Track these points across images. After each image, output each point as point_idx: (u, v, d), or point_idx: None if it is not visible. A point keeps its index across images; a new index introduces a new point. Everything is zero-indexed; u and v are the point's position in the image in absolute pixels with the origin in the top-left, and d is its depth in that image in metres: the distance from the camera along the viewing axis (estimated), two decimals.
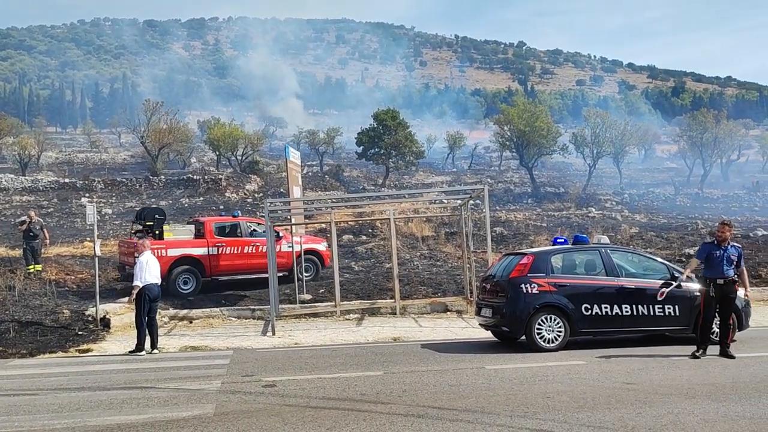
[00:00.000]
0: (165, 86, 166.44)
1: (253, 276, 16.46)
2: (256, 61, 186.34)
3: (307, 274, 16.71)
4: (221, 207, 35.14)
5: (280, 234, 17.05)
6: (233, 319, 14.32)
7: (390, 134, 50.84)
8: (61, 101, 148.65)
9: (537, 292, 9.83)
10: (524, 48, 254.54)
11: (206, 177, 47.41)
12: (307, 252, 16.80)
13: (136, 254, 11.17)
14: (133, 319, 10.82)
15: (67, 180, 47.40)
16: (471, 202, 16.94)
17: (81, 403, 7.04)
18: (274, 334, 12.43)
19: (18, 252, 19.16)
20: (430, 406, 6.53)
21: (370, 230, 25.47)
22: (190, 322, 13.87)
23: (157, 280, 10.93)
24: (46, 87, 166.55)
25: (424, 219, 25.03)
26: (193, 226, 16.72)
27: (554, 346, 9.70)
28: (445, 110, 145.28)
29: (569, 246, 10.81)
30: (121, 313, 13.64)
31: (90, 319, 13.13)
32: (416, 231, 24.21)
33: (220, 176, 47.92)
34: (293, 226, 16.91)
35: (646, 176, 59.58)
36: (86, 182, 45.61)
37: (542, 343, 9.73)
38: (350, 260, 20.87)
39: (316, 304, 15.12)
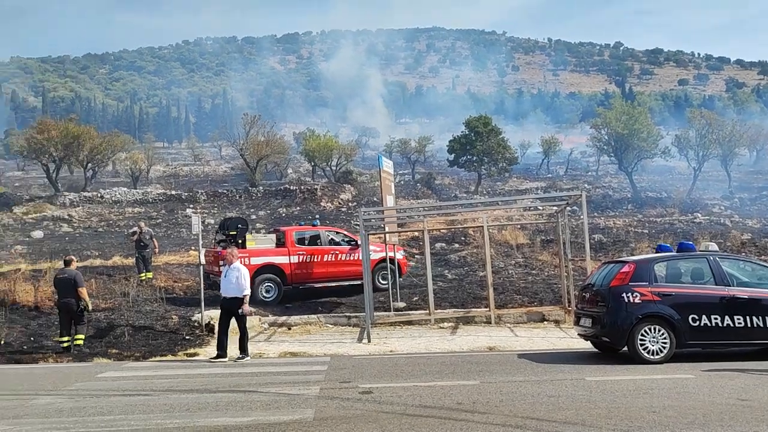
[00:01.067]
0: (262, 100, 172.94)
1: (334, 284, 16.79)
2: (348, 73, 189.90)
3: (384, 283, 16.82)
4: (316, 216, 35.99)
5: (358, 242, 17.31)
6: (330, 325, 14.62)
7: (482, 141, 50.39)
8: (167, 118, 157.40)
9: (640, 301, 9.46)
10: (621, 48, 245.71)
11: (302, 187, 48.73)
12: (385, 260, 16.89)
13: (221, 263, 11.46)
14: (235, 325, 11.16)
15: (173, 192, 50.00)
16: (568, 208, 16.49)
17: (190, 404, 7.40)
18: (369, 341, 12.59)
19: (131, 261, 20.39)
20: (529, 417, 6.41)
21: (462, 238, 25.32)
22: (289, 329, 14.27)
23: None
24: (154, 105, 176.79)
25: (519, 226, 24.60)
26: (275, 235, 17.22)
27: (659, 359, 9.28)
28: (539, 115, 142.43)
29: (674, 254, 10.32)
30: None
31: (196, 324, 13.79)
32: (510, 239, 23.84)
33: (315, 186, 49.13)
34: (386, 235, 17.09)
35: (759, 179, 55.77)
36: (191, 194, 47.98)
37: (646, 354, 9.33)
38: (443, 268, 20.83)
39: (410, 312, 15.18)
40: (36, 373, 10.11)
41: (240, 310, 10.90)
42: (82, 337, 12.02)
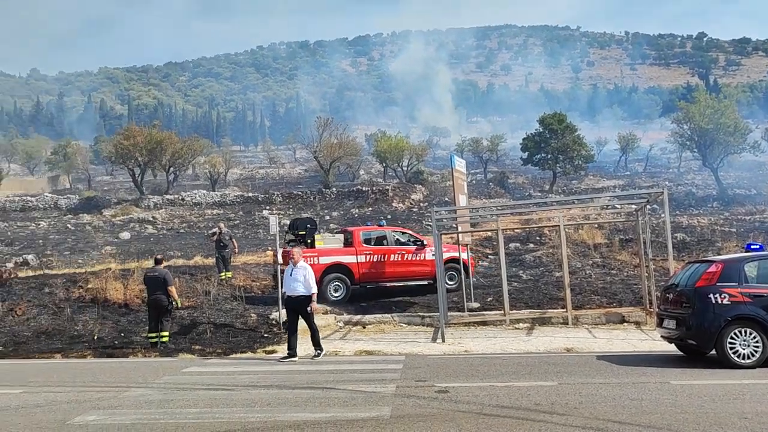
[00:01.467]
0: (334, 102, 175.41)
1: (400, 284, 16.84)
2: (418, 73, 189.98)
3: (451, 283, 16.73)
4: (383, 217, 36.18)
5: (424, 242, 17.28)
6: (404, 325, 14.68)
7: (557, 138, 49.35)
8: (243, 122, 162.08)
9: (729, 303, 9.04)
10: (705, 39, 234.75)
11: (374, 188, 49.13)
12: (451, 261, 16.76)
13: (291, 262, 11.57)
14: (305, 325, 11.29)
15: (250, 194, 51.42)
16: (648, 206, 15.94)
17: (270, 399, 7.62)
18: (443, 341, 12.57)
19: (211, 260, 21.11)
20: (610, 419, 6.25)
21: (537, 238, 24.89)
22: (364, 328, 14.43)
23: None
24: (231, 110, 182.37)
25: (596, 225, 23.95)
26: (342, 235, 17.41)
27: (750, 363, 8.85)
28: (616, 111, 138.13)
29: (766, 253, 9.81)
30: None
31: (273, 322, 14.14)
32: (587, 238, 23.25)
33: (387, 187, 49.43)
34: (459, 235, 17.00)
35: None
36: (267, 196, 49.22)
37: (736, 358, 8.91)
38: (518, 269, 20.55)
39: (484, 313, 15.05)
40: (126, 366, 10.64)
41: (309, 308, 11.05)
42: (167, 333, 12.55)
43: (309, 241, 16.39)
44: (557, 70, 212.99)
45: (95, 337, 13.11)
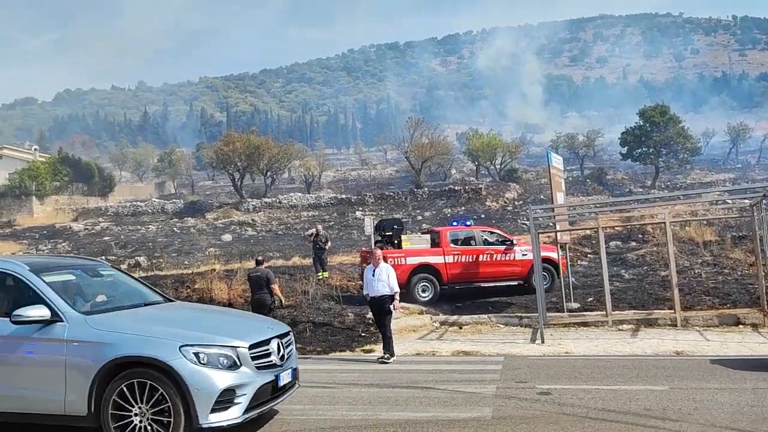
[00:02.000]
0: (425, 102, 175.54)
1: (489, 284, 16.54)
2: (509, 69, 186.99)
3: (542, 283, 16.29)
4: (482, 216, 35.80)
5: (513, 241, 16.89)
6: (501, 325, 14.46)
7: (659, 131, 47.20)
8: (335, 125, 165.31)
9: None
10: None
11: (467, 187, 48.75)
12: (542, 260, 16.30)
13: (367, 262, 11.59)
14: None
15: (343, 196, 52.34)
16: (764, 201, 14.92)
17: (371, 397, 7.71)
18: (543, 342, 12.28)
19: (308, 261, 21.64)
20: (728, 427, 5.89)
21: (640, 236, 23.85)
22: (460, 328, 14.33)
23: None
24: (323, 113, 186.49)
25: (705, 222, 22.69)
26: (429, 235, 17.29)
27: None
28: (724, 100, 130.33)
29: None
30: (397, 317, 14.61)
31: (370, 321, 14.28)
32: (695, 235, 22.04)
33: (479, 186, 48.92)
34: (558, 233, 16.57)
35: None
36: (359, 197, 49.92)
37: None
38: (619, 268, 19.78)
39: (585, 314, 14.58)
40: None
41: (391, 307, 11.08)
42: None
43: (396, 241, 16.43)
44: (658, 60, 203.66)
45: None
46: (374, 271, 11.24)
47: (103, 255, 31.61)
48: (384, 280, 11.08)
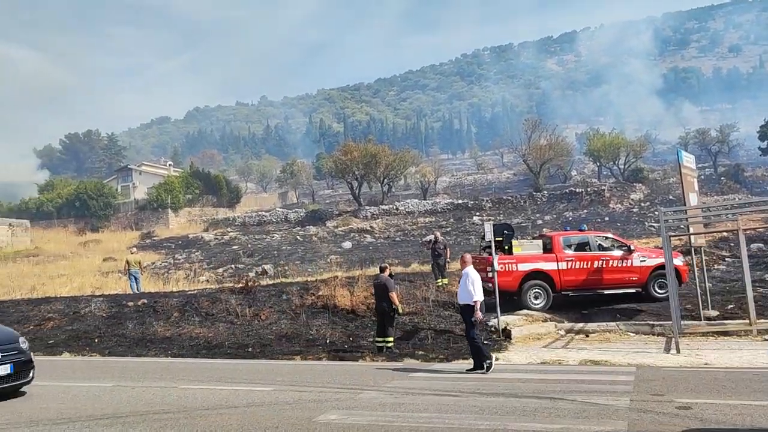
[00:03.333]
0: (542, 103, 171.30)
1: (606, 292, 15.77)
2: (631, 65, 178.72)
3: (661, 291, 15.30)
4: (606, 218, 34.39)
5: (631, 247, 16.02)
6: (631, 334, 13.81)
7: None
8: (450, 130, 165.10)
9: None
10: None
11: (588, 189, 47.02)
12: (661, 267, 15.24)
13: (461, 268, 11.24)
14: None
15: (459, 201, 52.11)
16: None
17: (498, 407, 7.60)
18: (678, 351, 11.58)
19: (427, 267, 21.70)
20: None
21: None
22: (587, 336, 13.83)
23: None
24: (438, 119, 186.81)
25: None
26: (541, 241, 16.71)
27: None
28: None
29: None
30: (520, 325, 14.33)
31: (493, 329, 14.12)
32: None
33: (602, 187, 47.06)
34: (691, 236, 15.57)
35: None
36: (476, 202, 49.50)
37: None
38: (763, 272, 18.29)
39: (725, 322, 13.60)
40: (358, 369, 11.31)
41: (473, 318, 10.57)
42: (392, 339, 13.11)
43: (506, 247, 16.09)
44: None
45: (327, 341, 14.14)
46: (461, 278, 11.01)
47: (232, 263, 33.42)
48: (467, 287, 10.68)
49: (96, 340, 15.63)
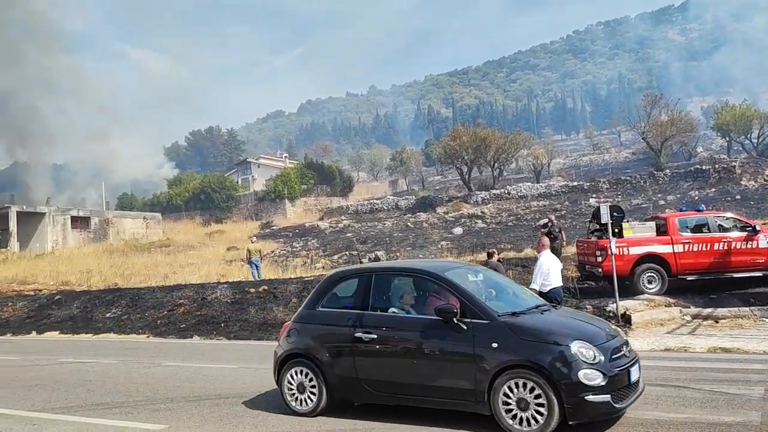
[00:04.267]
0: (662, 77, 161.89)
1: (728, 275, 14.62)
2: (762, 29, 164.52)
3: None
4: (737, 197, 32.07)
5: (757, 227, 14.72)
6: (766, 320, 12.83)
7: None
8: (563, 110, 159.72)
9: None
10: None
11: (716, 166, 44.01)
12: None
13: (537, 252, 10.81)
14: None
15: (574, 183, 50.39)
16: None
17: None
18: None
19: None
20: None
21: None
22: (716, 322, 12.98)
23: (560, 282, 10.59)
24: (549, 99, 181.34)
25: None
26: (654, 222, 15.71)
27: None
28: None
29: None
30: (641, 310, 13.70)
31: (611, 314, 13.59)
32: None
33: (732, 163, 43.86)
34: None
35: None
36: (592, 183, 47.68)
37: None
38: None
39: None
40: None
41: None
42: None
43: (617, 230, 15.33)
44: None
45: None
46: None
47: (346, 250, 34.27)
48: (534, 273, 10.57)
49: (222, 325, 16.58)
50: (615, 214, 15.62)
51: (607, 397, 5.67)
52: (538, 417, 5.66)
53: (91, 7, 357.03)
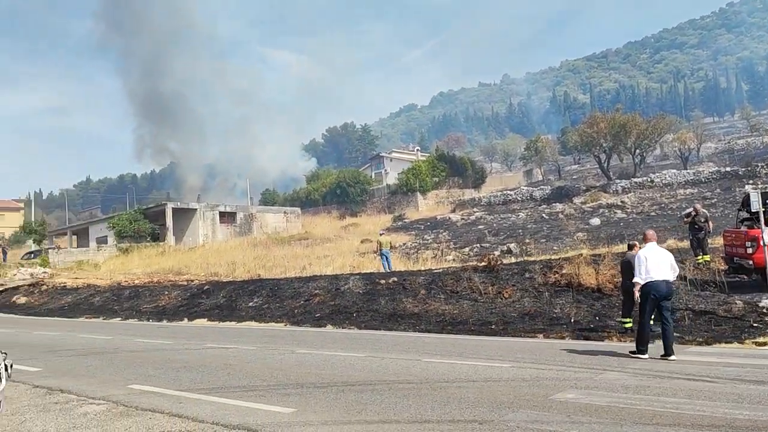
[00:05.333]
0: None
1: None
2: None
3: None
4: None
5: None
6: None
7: None
8: (715, 90, 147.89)
9: None
10: None
11: None
12: None
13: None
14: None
15: (728, 169, 46.60)
16: None
17: (762, 397, 6.74)
18: None
19: (685, 243, 19.87)
20: None
21: None
22: None
23: (665, 276, 9.61)
24: (699, 79, 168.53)
25: None
26: None
27: None
28: None
29: None
30: None
31: (765, 311, 12.49)
32: None
33: None
34: None
35: None
36: (748, 169, 43.86)
37: None
38: None
39: None
40: (602, 349, 10.83)
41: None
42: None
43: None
44: None
45: (572, 320, 13.74)
46: None
47: (477, 242, 34.03)
48: (635, 266, 10.10)
49: (354, 315, 17.12)
50: (767, 201, 14.27)
51: None
52: None
53: (236, 14, 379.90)
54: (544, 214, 43.01)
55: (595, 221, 36.46)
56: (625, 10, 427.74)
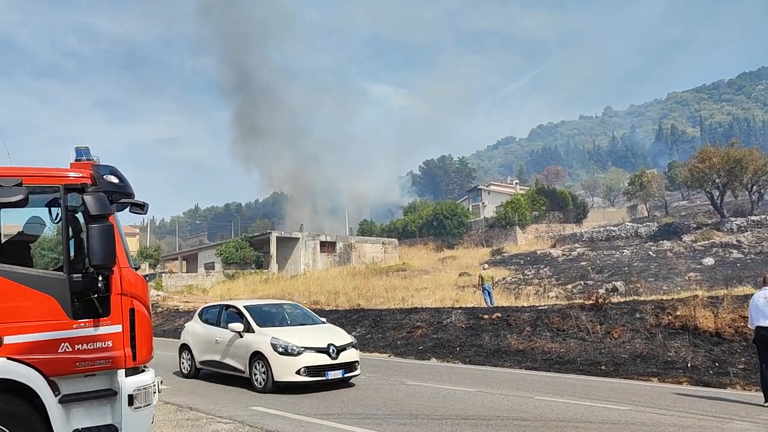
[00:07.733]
0: None
1: None
2: None
3: None
4: None
5: None
6: None
7: None
8: None
9: None
10: None
11: None
12: None
13: None
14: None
15: None
16: None
17: None
18: None
19: None
20: None
21: None
22: None
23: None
24: None
25: None
26: None
27: None
28: None
29: None
30: None
31: None
32: None
33: None
34: None
35: None
36: None
37: None
38: None
39: None
40: (724, 397, 10.34)
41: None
42: None
43: None
44: None
45: (688, 365, 13.17)
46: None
47: (581, 279, 33.15)
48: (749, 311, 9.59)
49: (457, 349, 17.13)
50: None
51: None
52: None
53: (336, 49, 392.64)
54: (650, 252, 41.32)
55: (709, 261, 34.65)
56: (739, 40, 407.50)
